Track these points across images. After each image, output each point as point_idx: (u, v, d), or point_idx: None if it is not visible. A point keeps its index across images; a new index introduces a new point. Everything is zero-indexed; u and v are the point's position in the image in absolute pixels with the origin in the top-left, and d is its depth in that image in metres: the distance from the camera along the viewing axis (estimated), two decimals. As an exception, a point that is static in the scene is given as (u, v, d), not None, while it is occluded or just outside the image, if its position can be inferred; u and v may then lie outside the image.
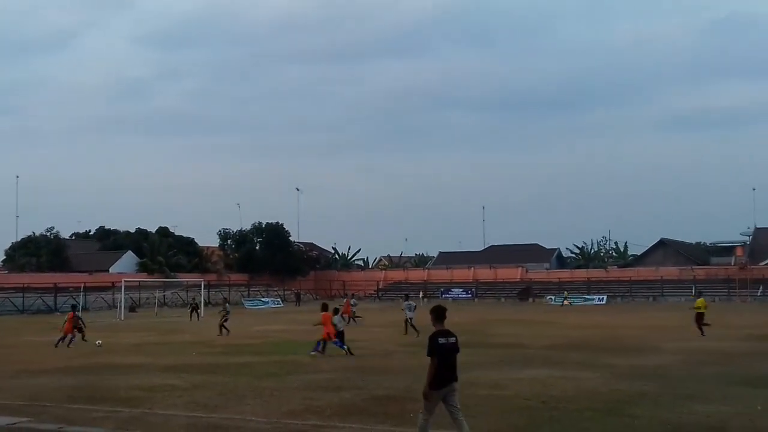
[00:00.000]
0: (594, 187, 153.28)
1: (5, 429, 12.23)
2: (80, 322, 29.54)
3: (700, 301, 32.06)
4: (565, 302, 69.91)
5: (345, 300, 44.08)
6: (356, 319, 40.65)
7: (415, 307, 32.49)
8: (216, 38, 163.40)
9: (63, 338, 28.22)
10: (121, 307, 51.93)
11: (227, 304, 35.66)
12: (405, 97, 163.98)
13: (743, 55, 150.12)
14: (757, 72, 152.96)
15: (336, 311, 25.01)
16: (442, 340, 10.08)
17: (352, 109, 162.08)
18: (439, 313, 10.37)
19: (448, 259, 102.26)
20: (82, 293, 58.85)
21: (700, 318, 30.81)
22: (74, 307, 31.61)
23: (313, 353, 23.28)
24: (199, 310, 48.30)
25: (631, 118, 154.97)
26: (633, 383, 16.68)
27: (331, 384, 16.96)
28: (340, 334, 23.99)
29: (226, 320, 33.39)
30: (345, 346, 23.34)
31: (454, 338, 10.22)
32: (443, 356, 10.03)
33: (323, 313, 24.28)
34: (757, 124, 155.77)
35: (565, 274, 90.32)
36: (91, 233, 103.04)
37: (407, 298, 35.57)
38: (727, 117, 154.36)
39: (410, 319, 31.39)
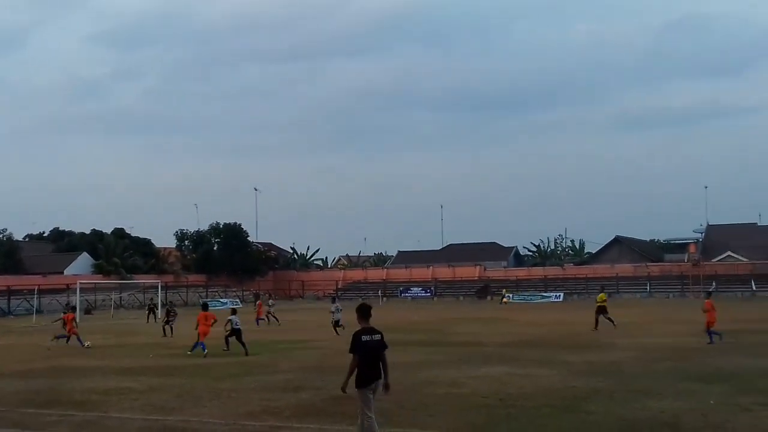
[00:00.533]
0: (550, 185, 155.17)
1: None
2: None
3: (601, 295, 33.59)
4: (504, 300, 70.18)
5: (257, 302, 44.36)
6: (270, 317, 40.74)
7: (341, 309, 32.80)
8: (172, 37, 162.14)
9: (68, 338, 28.53)
10: (76, 309, 51.20)
11: (174, 307, 36.47)
12: (363, 96, 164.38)
13: (696, 55, 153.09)
14: (710, 71, 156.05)
15: (234, 311, 26.35)
16: (365, 338, 10.13)
17: (309, 108, 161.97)
18: (363, 311, 10.42)
19: (407, 258, 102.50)
20: (36, 296, 57.94)
21: (601, 311, 32.37)
22: (72, 308, 31.53)
23: (190, 352, 23.92)
24: (156, 311, 47.83)
25: (586, 118, 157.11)
26: (589, 380, 16.90)
27: (289, 384, 16.92)
28: (237, 332, 24.86)
29: (167, 322, 33.47)
30: (200, 347, 23.94)
31: (378, 335, 10.26)
32: (366, 354, 10.08)
33: (202, 312, 25.27)
34: (708, 122, 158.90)
35: (522, 272, 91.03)
36: (45, 235, 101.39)
37: (334, 300, 36.21)
38: (679, 116, 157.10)
39: (337, 320, 31.69)
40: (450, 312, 52.55)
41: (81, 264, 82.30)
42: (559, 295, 75.55)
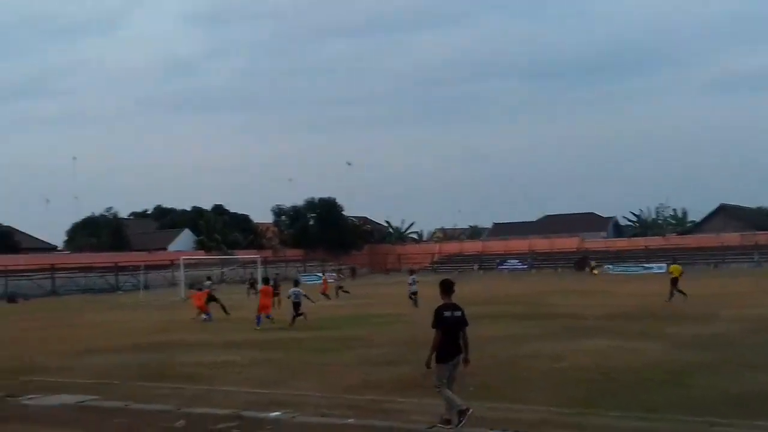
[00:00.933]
0: (650, 152, 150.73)
1: (74, 407, 12.61)
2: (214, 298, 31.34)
3: (674, 267, 32.99)
4: (594, 272, 68.60)
5: (323, 278, 45.28)
6: (342, 293, 42.75)
7: (417, 281, 33.63)
8: (260, 14, 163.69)
9: (206, 314, 29.71)
10: (181, 284, 52.84)
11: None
12: (453, 67, 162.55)
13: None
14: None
15: (296, 283, 27.54)
16: (447, 314, 10.18)
17: (400, 80, 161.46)
18: (446, 287, 10.46)
19: (502, 230, 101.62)
20: (142, 272, 60.06)
21: (674, 283, 31.88)
22: (199, 289, 32.80)
23: (273, 322, 25.23)
24: (256, 286, 48.88)
25: (686, 81, 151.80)
26: (692, 353, 16.45)
27: (385, 359, 17.03)
28: (296, 305, 25.86)
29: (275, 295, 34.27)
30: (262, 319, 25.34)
31: (459, 312, 10.28)
32: (448, 329, 10.11)
33: (263, 286, 26.55)
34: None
35: (622, 243, 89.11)
36: (149, 212, 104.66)
37: (412, 272, 36.35)
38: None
39: (414, 293, 32.46)
40: (548, 284, 51.95)
41: (183, 240, 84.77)
42: (663, 266, 73.39)
